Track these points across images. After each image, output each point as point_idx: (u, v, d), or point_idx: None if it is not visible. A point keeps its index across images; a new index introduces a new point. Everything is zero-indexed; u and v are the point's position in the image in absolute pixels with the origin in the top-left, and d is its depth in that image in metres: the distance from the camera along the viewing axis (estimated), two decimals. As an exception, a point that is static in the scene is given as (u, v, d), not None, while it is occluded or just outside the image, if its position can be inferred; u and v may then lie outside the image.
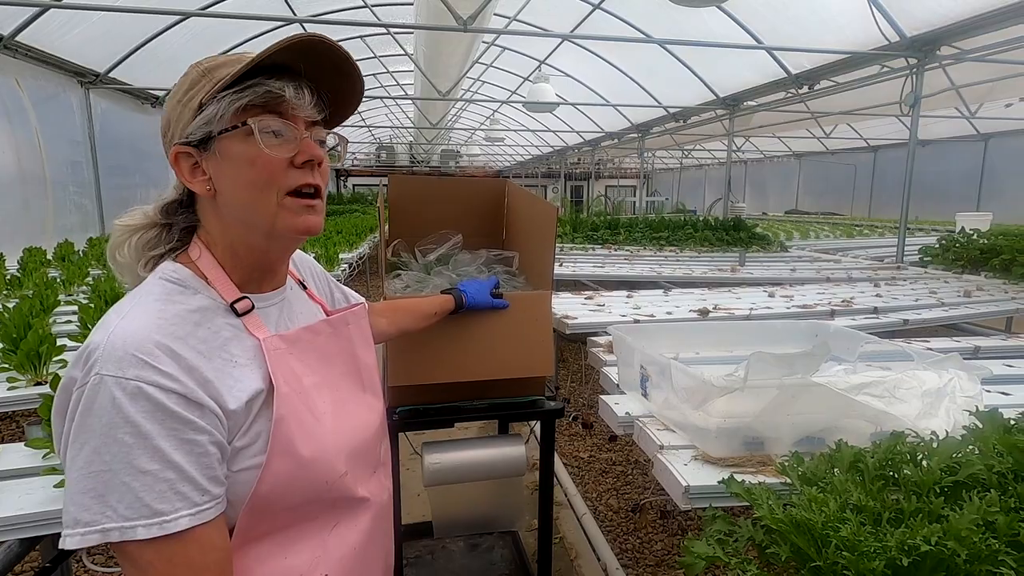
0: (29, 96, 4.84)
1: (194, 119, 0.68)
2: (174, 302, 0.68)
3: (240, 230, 0.72)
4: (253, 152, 0.68)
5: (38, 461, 1.10)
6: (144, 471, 0.58)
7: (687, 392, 1.20)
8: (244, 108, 0.67)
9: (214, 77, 0.68)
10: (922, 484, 0.84)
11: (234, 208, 0.71)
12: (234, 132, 0.68)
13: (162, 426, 0.60)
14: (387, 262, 1.78)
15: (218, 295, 0.72)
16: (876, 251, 5.94)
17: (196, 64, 0.71)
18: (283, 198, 0.70)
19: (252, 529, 0.68)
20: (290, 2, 5.95)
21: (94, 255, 4.08)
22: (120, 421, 0.58)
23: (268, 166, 0.68)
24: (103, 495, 0.58)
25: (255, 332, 0.72)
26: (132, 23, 5.20)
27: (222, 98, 0.67)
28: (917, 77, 4.62)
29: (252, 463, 0.67)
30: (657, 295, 3.07)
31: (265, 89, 0.67)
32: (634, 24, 6.19)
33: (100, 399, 0.59)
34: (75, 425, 0.59)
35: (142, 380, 0.60)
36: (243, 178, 0.69)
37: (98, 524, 0.57)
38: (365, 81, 0.78)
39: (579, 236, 6.26)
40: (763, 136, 11.39)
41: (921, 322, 2.60)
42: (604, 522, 2.58)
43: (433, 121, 10.81)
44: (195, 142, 0.69)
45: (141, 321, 0.64)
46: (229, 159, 0.69)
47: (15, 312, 1.78)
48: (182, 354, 0.63)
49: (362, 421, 0.83)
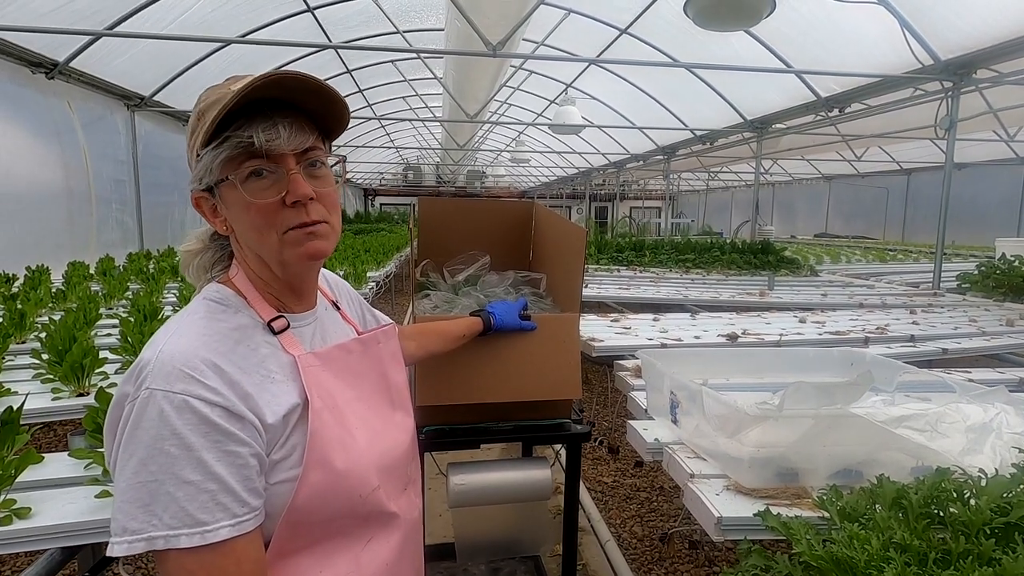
0: (79, 117, 5.09)
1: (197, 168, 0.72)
2: (217, 320, 0.71)
3: (258, 262, 0.76)
4: (243, 199, 0.70)
5: (81, 471, 1.13)
6: (188, 481, 0.61)
7: (719, 420, 1.18)
8: (226, 161, 0.69)
9: (204, 123, 0.69)
10: (971, 524, 0.81)
11: (247, 245, 0.75)
12: (225, 183, 0.71)
13: (206, 438, 0.62)
14: (416, 282, 1.80)
15: (256, 314, 0.75)
16: (911, 277, 5.76)
17: (198, 99, 0.73)
18: (284, 235, 0.72)
19: (289, 542, 0.70)
20: (325, 29, 6.16)
21: (133, 270, 4.22)
22: (167, 433, 0.61)
23: (261, 211, 0.70)
24: (149, 504, 0.60)
25: (290, 349, 0.75)
26: (176, 50, 5.46)
27: (205, 154, 0.70)
28: (953, 100, 4.53)
29: (289, 475, 0.69)
30: (684, 319, 3.03)
31: (236, 141, 0.68)
32: (661, 48, 6.24)
33: (149, 412, 0.62)
34: (125, 436, 0.62)
35: (188, 394, 0.62)
36: (244, 222, 0.72)
37: (144, 532, 0.60)
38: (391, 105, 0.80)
39: (604, 257, 6.24)
40: (791, 158, 11.26)
41: (961, 351, 2.51)
42: (628, 550, 2.52)
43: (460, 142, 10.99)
44: (204, 188, 0.73)
45: (187, 338, 0.67)
46: (229, 206, 0.72)
47: (61, 325, 1.85)
48: (225, 369, 0.66)
49: (392, 438, 0.84)
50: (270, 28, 5.73)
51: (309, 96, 0.72)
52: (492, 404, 1.47)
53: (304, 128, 0.72)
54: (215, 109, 0.67)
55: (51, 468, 1.18)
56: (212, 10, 5.05)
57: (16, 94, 4.39)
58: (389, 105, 10.36)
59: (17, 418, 1.09)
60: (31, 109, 4.54)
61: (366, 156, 15.19)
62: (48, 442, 3.21)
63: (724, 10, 3.22)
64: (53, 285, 3.34)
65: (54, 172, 4.80)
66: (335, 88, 0.73)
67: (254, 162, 0.69)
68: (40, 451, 1.16)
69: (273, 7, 5.52)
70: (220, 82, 0.74)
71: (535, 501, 1.58)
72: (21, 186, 4.41)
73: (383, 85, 9.11)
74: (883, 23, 4.46)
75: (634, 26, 5.93)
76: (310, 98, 0.72)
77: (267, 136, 0.68)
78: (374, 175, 19.98)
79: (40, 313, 2.70)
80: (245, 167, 0.69)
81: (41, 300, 2.79)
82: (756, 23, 3.44)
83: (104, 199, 5.52)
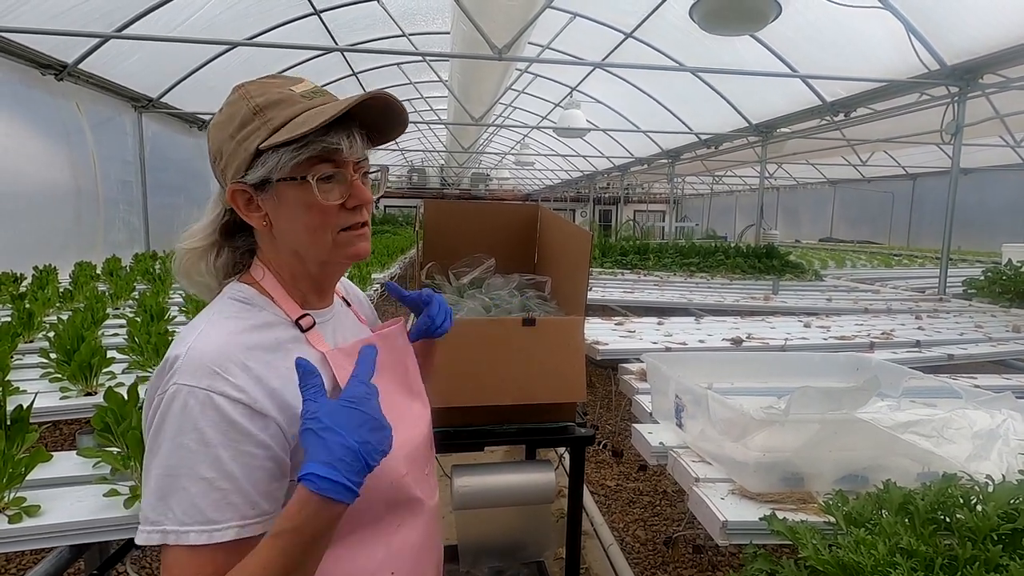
0: (88, 119, 5.13)
1: (251, 163, 0.72)
2: (242, 319, 0.73)
3: (292, 258, 0.77)
4: (309, 199, 0.72)
5: (89, 470, 1.14)
6: (202, 478, 0.62)
7: (725, 424, 1.18)
8: (302, 162, 0.71)
9: (268, 120, 0.71)
10: (978, 530, 0.81)
11: (289, 242, 0.76)
12: (291, 182, 0.72)
13: (224, 436, 0.64)
14: (421, 285, 1.81)
15: (282, 312, 0.77)
16: (916, 282, 5.74)
17: (243, 94, 0.73)
18: (336, 235, 0.75)
19: None
20: (331, 32, 6.19)
21: (139, 270, 4.24)
22: (188, 427, 0.63)
23: (323, 211, 0.73)
24: (166, 497, 0.62)
25: (318, 346, 0.77)
26: (183, 52, 5.49)
27: (282, 152, 0.71)
28: (959, 105, 4.52)
29: None
30: (688, 322, 3.03)
31: (323, 146, 0.71)
32: (666, 52, 6.25)
33: (174, 406, 0.64)
34: (153, 429, 0.65)
35: (212, 390, 0.64)
36: (300, 221, 0.74)
37: (160, 525, 0.61)
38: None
39: (608, 261, 6.24)
40: (796, 163, 11.23)
41: (967, 357, 2.50)
42: (631, 554, 2.52)
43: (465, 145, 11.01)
44: (252, 183, 0.73)
45: (214, 336, 0.69)
46: (286, 203, 0.73)
47: (69, 325, 1.87)
48: (250, 366, 0.68)
49: (413, 427, 0.88)
50: (277, 31, 5.75)
51: (380, 116, 0.76)
52: (496, 407, 1.48)
53: (361, 139, 0.76)
54: (285, 108, 0.71)
55: (59, 467, 1.19)
56: (219, 13, 5.09)
57: (26, 95, 4.42)
58: (394, 107, 10.35)
59: (27, 417, 1.10)
60: (41, 110, 4.58)
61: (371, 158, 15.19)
62: (54, 441, 3.23)
63: (730, 14, 3.22)
64: (60, 285, 3.36)
65: (62, 173, 4.83)
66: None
67: (326, 166, 0.72)
68: (47, 450, 1.17)
69: (280, 10, 5.55)
70: (267, 77, 0.76)
71: (538, 504, 1.58)
72: (30, 186, 4.45)
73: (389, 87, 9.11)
74: (888, 28, 4.45)
75: (639, 30, 5.93)
76: (379, 117, 0.76)
77: (349, 144, 0.73)
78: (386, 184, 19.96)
79: (48, 313, 2.71)
80: (318, 169, 0.72)
81: (49, 300, 2.81)
82: (762, 27, 3.45)
83: (111, 200, 5.55)
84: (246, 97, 0.73)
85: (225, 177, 0.74)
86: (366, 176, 0.78)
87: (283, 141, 0.69)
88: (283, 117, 0.71)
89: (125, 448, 1.06)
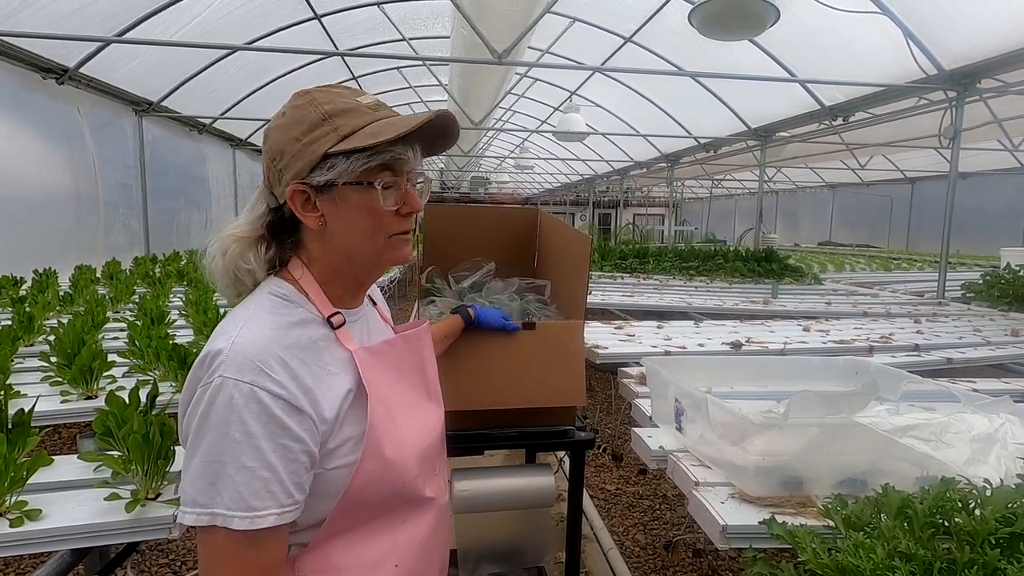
0: (88, 122, 5.14)
1: (316, 166, 0.75)
2: (281, 315, 0.76)
3: (340, 258, 0.81)
4: (370, 203, 0.77)
5: (90, 474, 1.14)
6: (246, 467, 0.66)
7: (724, 428, 1.19)
8: (371, 168, 0.76)
9: (337, 127, 0.74)
10: (976, 534, 0.81)
11: (341, 243, 0.80)
12: (357, 186, 0.76)
13: (265, 428, 0.68)
14: (422, 289, 1.81)
15: (316, 310, 0.80)
16: (915, 286, 5.75)
17: (310, 100, 0.77)
18: (388, 239, 0.80)
19: (340, 522, 0.77)
20: (332, 36, 6.21)
21: (139, 274, 4.25)
22: (234, 419, 0.67)
23: (381, 216, 0.78)
24: (214, 483, 0.66)
25: (347, 344, 0.80)
26: (184, 56, 5.51)
27: (353, 158, 0.74)
28: (957, 110, 4.54)
29: (344, 462, 0.76)
30: (688, 326, 3.03)
31: (391, 155, 0.76)
32: (665, 57, 6.27)
33: (220, 398, 0.67)
34: (198, 418, 0.68)
35: (256, 384, 0.68)
36: (357, 223, 0.78)
37: (210, 508, 0.66)
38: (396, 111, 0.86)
39: (607, 264, 6.24)
40: (795, 167, 11.26)
41: (966, 361, 2.50)
42: (631, 558, 2.52)
43: (465, 149, 11.03)
44: (314, 184, 0.75)
45: (256, 331, 0.72)
46: (347, 205, 0.77)
47: (69, 328, 1.87)
48: (289, 363, 0.71)
49: (428, 426, 0.91)
50: (278, 35, 5.77)
51: (438, 132, 0.81)
52: (496, 411, 1.48)
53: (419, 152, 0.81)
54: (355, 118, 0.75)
55: (60, 470, 1.19)
56: (220, 17, 5.10)
57: (27, 99, 4.43)
58: (394, 111, 10.40)
59: (28, 420, 1.11)
60: (41, 114, 4.59)
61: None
62: (53, 444, 3.22)
63: (729, 19, 3.23)
64: (60, 288, 3.36)
65: (63, 176, 4.84)
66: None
67: (389, 174, 0.77)
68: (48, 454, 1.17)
69: (281, 14, 5.57)
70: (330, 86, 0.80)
71: (538, 508, 1.58)
72: (30, 190, 4.45)
73: (389, 91, 9.15)
74: (887, 33, 4.47)
75: (638, 35, 5.96)
76: (436, 133, 0.81)
77: (412, 155, 0.78)
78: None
79: (48, 316, 2.71)
80: (383, 176, 0.77)
81: (49, 303, 2.81)
82: (760, 32, 3.46)
83: (111, 203, 5.56)
84: (314, 103, 0.76)
85: (282, 177, 0.77)
86: (413, 186, 0.83)
87: (357, 147, 0.73)
88: (352, 126, 0.75)
89: (126, 452, 1.06)
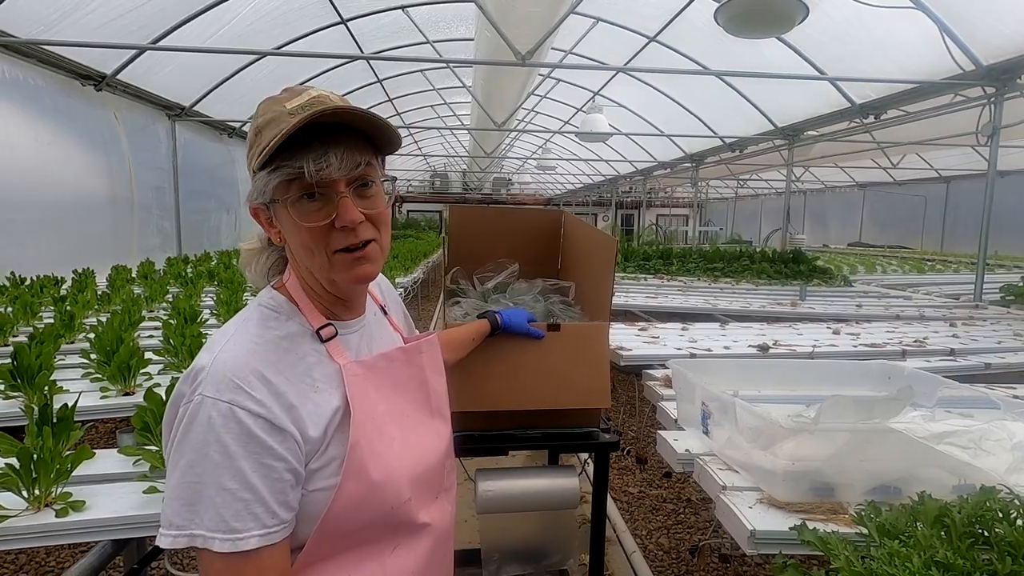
0: (124, 127, 5.31)
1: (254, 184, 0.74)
2: (269, 328, 0.75)
3: (311, 273, 0.78)
4: (292, 220, 0.72)
5: (129, 467, 1.19)
6: (226, 488, 0.64)
7: (752, 432, 1.17)
8: (277, 185, 0.71)
9: (260, 142, 0.70)
10: (1018, 545, 0.78)
11: (299, 259, 0.77)
12: (277, 203, 0.73)
13: (245, 448, 0.65)
14: (446, 289, 1.83)
15: (306, 321, 0.78)
16: (950, 288, 5.57)
17: (257, 113, 0.74)
18: (333, 256, 0.74)
19: (321, 548, 0.72)
20: (357, 40, 6.30)
21: (172, 274, 4.37)
22: (212, 439, 0.65)
23: (311, 232, 0.72)
24: (193, 504, 0.64)
25: (336, 358, 0.77)
26: (215, 62, 5.66)
27: (259, 176, 0.72)
28: (996, 106, 4.39)
29: (326, 484, 0.72)
30: (713, 328, 2.99)
31: (287, 171, 0.70)
32: (690, 56, 6.20)
33: (200, 417, 0.66)
34: (178, 437, 0.66)
35: (235, 404, 0.66)
36: (296, 240, 0.75)
37: (187, 529, 0.64)
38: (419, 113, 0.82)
39: (631, 265, 6.20)
40: (824, 166, 11.02)
41: (1005, 367, 2.42)
42: (654, 562, 2.49)
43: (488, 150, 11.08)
44: (259, 203, 0.75)
45: (240, 347, 0.71)
46: (282, 223, 0.75)
47: (108, 327, 1.94)
48: (272, 380, 0.69)
49: (428, 447, 0.86)
50: (305, 40, 5.89)
51: (359, 120, 0.72)
52: (520, 411, 1.48)
53: (357, 149, 0.72)
54: (271, 129, 0.69)
55: (101, 464, 1.24)
56: (249, 24, 5.23)
57: (67, 106, 4.60)
58: (418, 114, 10.52)
59: (71, 415, 1.15)
60: (80, 120, 4.76)
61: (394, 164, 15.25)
62: (92, 439, 3.34)
63: (755, 17, 3.18)
64: (98, 288, 3.48)
65: (100, 180, 5.01)
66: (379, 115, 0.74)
67: (299, 187, 0.71)
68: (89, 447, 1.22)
69: (307, 20, 5.68)
70: (277, 93, 0.76)
71: (562, 510, 1.58)
72: (70, 193, 4.62)
73: (412, 94, 9.25)
74: (920, 28, 4.35)
75: (663, 34, 5.91)
76: (361, 122, 0.73)
77: (317, 166, 0.69)
78: (402, 182, 20.28)
79: (87, 315, 2.81)
80: (295, 191, 0.71)
81: (88, 302, 2.91)
82: (788, 30, 3.40)
83: (145, 205, 5.74)
84: (255, 117, 0.74)
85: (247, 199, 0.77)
86: (369, 187, 0.74)
87: (258, 163, 0.71)
88: (267, 139, 0.69)
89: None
